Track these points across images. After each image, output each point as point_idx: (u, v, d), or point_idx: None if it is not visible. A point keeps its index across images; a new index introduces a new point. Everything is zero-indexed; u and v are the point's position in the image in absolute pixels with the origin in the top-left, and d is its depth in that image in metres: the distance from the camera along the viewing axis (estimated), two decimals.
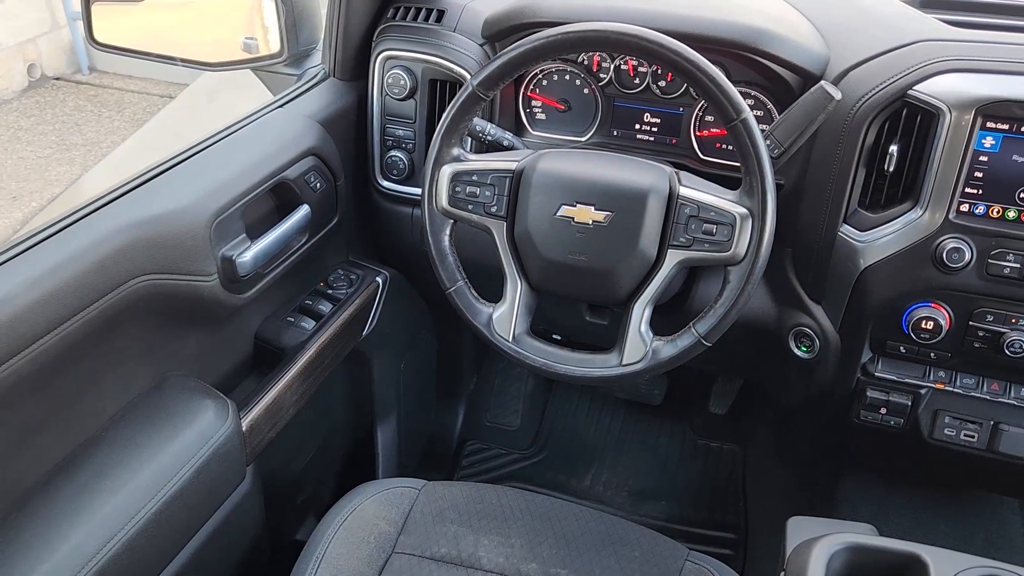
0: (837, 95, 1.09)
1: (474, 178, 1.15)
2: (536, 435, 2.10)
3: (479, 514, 1.25)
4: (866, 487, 1.60)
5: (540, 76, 1.41)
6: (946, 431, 1.24)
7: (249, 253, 1.18)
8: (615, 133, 1.41)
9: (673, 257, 1.09)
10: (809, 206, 1.23)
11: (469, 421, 2.11)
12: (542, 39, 1.08)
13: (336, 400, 1.63)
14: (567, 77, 1.40)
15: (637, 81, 1.37)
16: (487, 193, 1.15)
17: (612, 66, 1.37)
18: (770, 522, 1.77)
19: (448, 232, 1.19)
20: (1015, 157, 1.09)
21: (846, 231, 1.20)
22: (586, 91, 1.40)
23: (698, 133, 1.35)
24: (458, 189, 1.16)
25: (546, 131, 1.44)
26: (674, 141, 1.38)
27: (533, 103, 1.43)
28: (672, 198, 1.09)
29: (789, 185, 1.27)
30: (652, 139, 1.39)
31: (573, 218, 1.11)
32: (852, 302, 1.22)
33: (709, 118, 1.35)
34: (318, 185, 1.32)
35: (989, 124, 1.09)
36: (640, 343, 1.12)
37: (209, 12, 1.55)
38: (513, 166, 1.15)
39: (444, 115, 1.15)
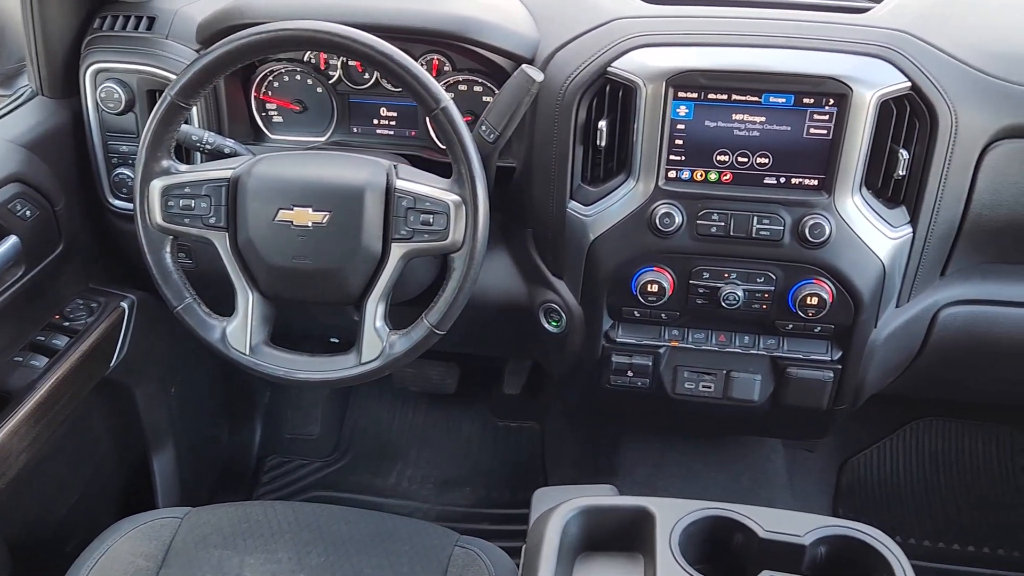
0: (539, 77, 1.12)
1: (187, 190, 1.11)
2: (338, 441, 2.07)
3: (244, 534, 1.22)
4: (643, 447, 1.68)
5: (270, 78, 1.38)
6: (686, 385, 1.32)
7: None
8: (355, 130, 1.40)
9: (398, 250, 1.10)
10: (539, 186, 1.27)
11: (267, 436, 2.05)
12: (233, 42, 1.05)
13: (99, 435, 1.54)
14: (298, 77, 1.37)
15: (367, 76, 1.36)
16: (203, 205, 1.11)
17: (339, 63, 1.35)
18: None
19: (168, 249, 1.14)
20: (707, 123, 1.16)
21: (574, 207, 1.25)
22: (319, 90, 1.38)
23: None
24: (171, 203, 1.11)
25: (285, 134, 1.41)
26: (413, 133, 1.39)
27: (267, 106, 1.40)
28: (389, 192, 1.09)
29: (520, 167, 1.30)
30: (392, 133, 1.39)
31: (292, 222, 1.09)
32: (587, 274, 1.27)
33: None
34: (27, 213, 1.23)
35: (681, 94, 1.15)
36: (376, 340, 1.12)
37: None
38: (227, 174, 1.12)
39: (145, 128, 1.10)
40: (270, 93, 1.39)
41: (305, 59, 1.36)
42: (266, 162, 1.12)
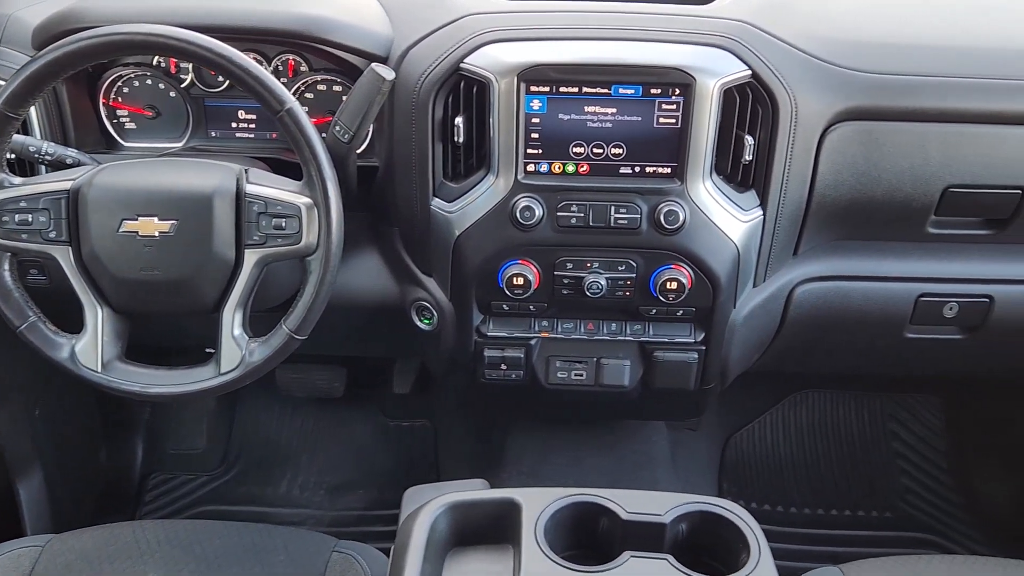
0: (389, 75, 1.11)
1: (23, 204, 1.06)
2: (225, 453, 2.02)
3: (111, 557, 1.17)
4: (529, 437, 1.70)
5: (119, 83, 1.33)
6: (559, 374, 1.34)
7: None
8: (213, 134, 1.36)
9: (251, 256, 1.08)
10: (401, 184, 1.26)
11: (150, 453, 1.98)
12: (62, 48, 1.01)
13: None
14: (148, 82, 1.33)
15: (221, 79, 1.32)
16: (41, 219, 1.06)
17: (191, 66, 1.31)
18: None
19: (7, 267, 1.09)
20: (561, 116, 1.18)
21: (437, 204, 1.25)
22: (172, 94, 1.33)
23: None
24: (6, 219, 1.06)
25: (140, 140, 1.36)
26: (274, 136, 1.36)
27: (119, 113, 1.35)
28: (240, 197, 1.07)
29: (382, 166, 1.29)
30: (252, 136, 1.36)
31: (138, 232, 1.06)
32: (454, 270, 1.28)
33: (304, 109, 1.33)
34: None
35: (533, 88, 1.16)
36: (235, 349, 1.09)
37: None
38: (67, 185, 1.07)
39: None
40: (120, 99, 1.34)
41: (154, 63, 1.31)
42: (108, 171, 1.08)
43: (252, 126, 1.35)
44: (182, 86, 1.32)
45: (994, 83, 1.22)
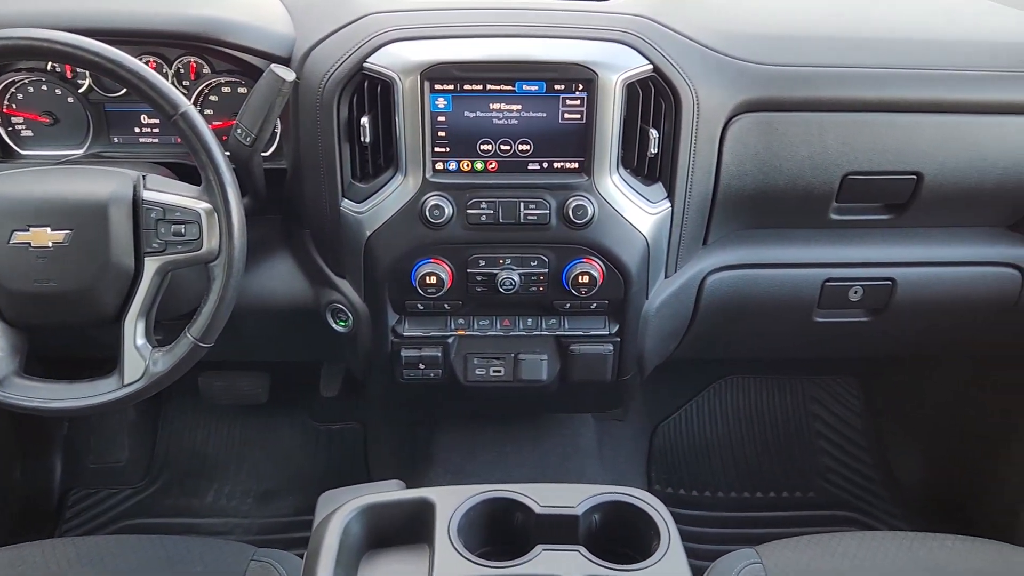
0: (288, 76, 1.10)
1: None
2: (149, 465, 1.98)
3: None
4: (456, 435, 1.70)
5: (12, 89, 1.28)
6: (477, 371, 1.34)
7: None
8: (115, 140, 1.33)
9: (151, 265, 1.05)
10: (310, 186, 1.25)
11: (69, 469, 1.93)
12: None
13: None
14: (44, 87, 1.29)
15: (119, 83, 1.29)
16: None
17: (88, 71, 1.28)
18: None
19: None
20: (467, 113, 1.18)
21: (347, 205, 1.24)
22: (70, 100, 1.29)
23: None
24: None
25: (38, 148, 1.32)
26: (179, 140, 1.33)
27: (13, 120, 1.30)
28: (137, 204, 1.05)
29: (291, 168, 1.28)
30: (157, 140, 1.33)
31: (30, 243, 1.03)
32: (367, 271, 1.27)
33: (209, 112, 1.31)
34: None
35: (438, 87, 1.16)
36: (138, 359, 1.07)
37: None
38: None
39: None
40: (14, 106, 1.29)
41: (48, 68, 1.27)
42: None
43: (156, 131, 1.32)
44: (80, 91, 1.28)
45: (886, 72, 1.26)
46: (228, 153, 1.11)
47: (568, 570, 0.93)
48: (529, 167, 1.21)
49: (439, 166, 1.21)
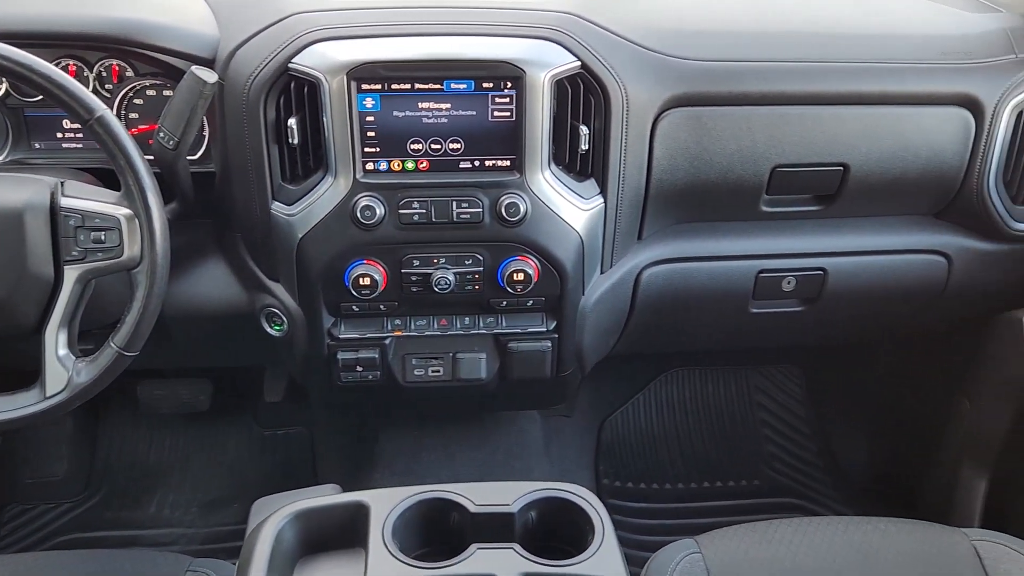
0: (210, 78, 1.08)
1: None
2: (89, 477, 1.93)
3: None
4: (401, 436, 1.69)
5: None
6: (416, 372, 1.33)
7: None
8: (37, 146, 1.29)
9: (71, 273, 1.03)
10: (240, 189, 1.23)
11: (5, 483, 1.87)
12: None
13: None
14: None
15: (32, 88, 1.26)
16: None
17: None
18: None
19: None
20: (396, 113, 1.17)
21: (278, 208, 1.22)
22: None
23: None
24: None
25: None
26: None
27: None
28: (55, 211, 1.02)
29: (219, 171, 1.26)
30: (81, 146, 1.30)
31: None
32: (300, 274, 1.26)
33: (134, 115, 1.29)
34: None
35: (365, 86, 1.15)
36: (61, 370, 1.04)
37: None
38: None
39: None
40: None
41: None
42: None
43: (79, 135, 1.29)
44: None
45: (810, 66, 1.28)
46: (151, 157, 1.09)
47: (502, 568, 0.93)
48: (461, 166, 1.21)
49: (369, 166, 1.20)
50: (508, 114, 1.18)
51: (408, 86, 1.16)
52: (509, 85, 1.17)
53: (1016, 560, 1.16)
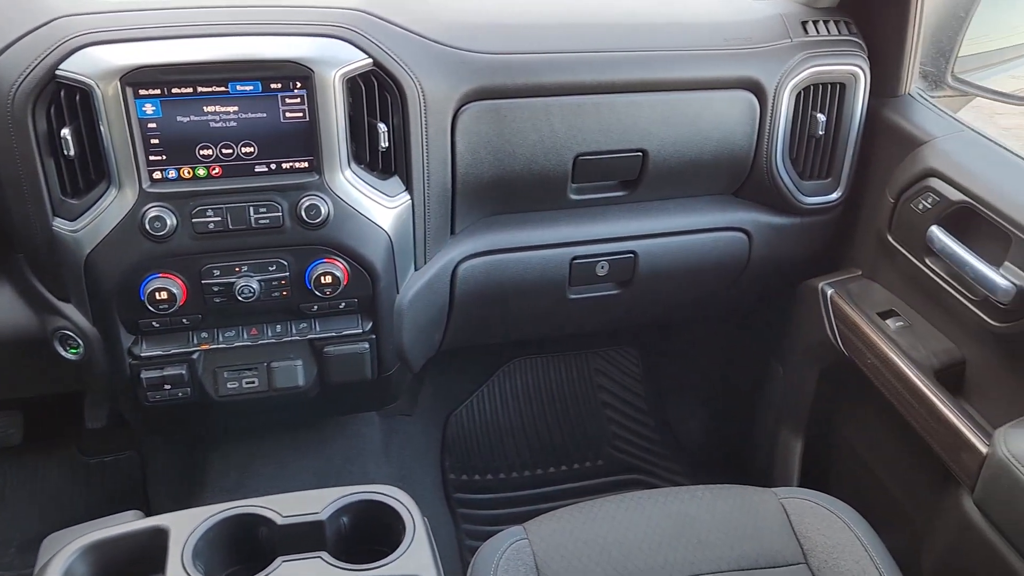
0: None
1: None
2: None
3: None
4: (230, 452, 1.63)
5: None
6: (229, 385, 1.29)
7: None
8: None
9: None
10: (16, 206, 1.15)
11: None
12: None
13: None
14: None
15: None
16: None
17: None
18: None
19: None
20: (179, 118, 1.12)
21: (60, 224, 1.15)
22: None
23: None
24: None
25: None
26: None
27: None
28: None
29: None
30: None
31: None
32: (91, 292, 1.19)
33: None
34: None
35: (143, 92, 1.10)
36: None
37: None
38: None
39: None
40: None
41: None
42: None
43: None
44: None
45: (603, 56, 1.32)
46: None
47: None
48: (256, 169, 1.17)
49: (157, 175, 1.14)
50: (301, 115, 1.15)
51: (190, 90, 1.11)
52: (299, 85, 1.14)
53: (817, 512, 1.24)
